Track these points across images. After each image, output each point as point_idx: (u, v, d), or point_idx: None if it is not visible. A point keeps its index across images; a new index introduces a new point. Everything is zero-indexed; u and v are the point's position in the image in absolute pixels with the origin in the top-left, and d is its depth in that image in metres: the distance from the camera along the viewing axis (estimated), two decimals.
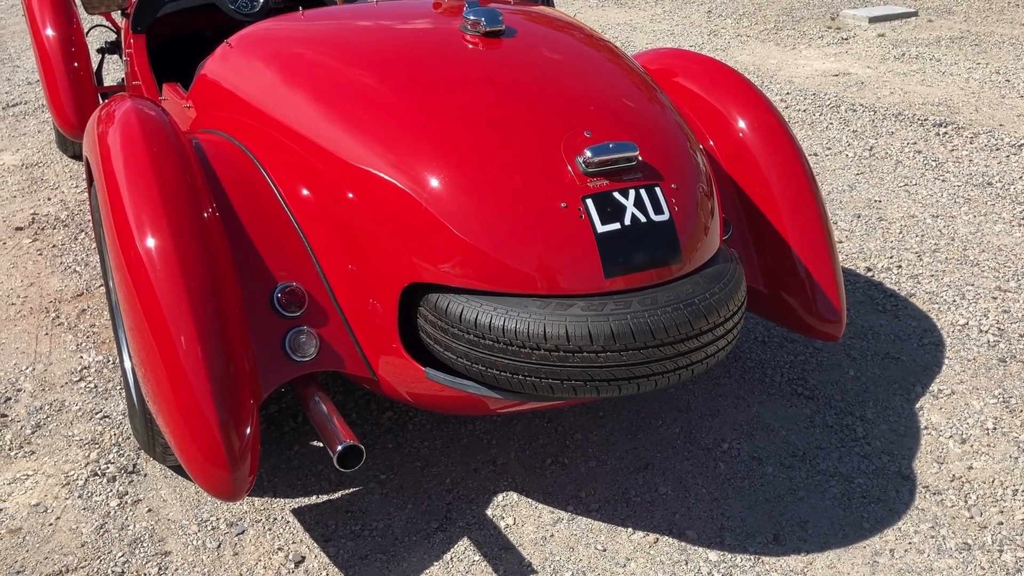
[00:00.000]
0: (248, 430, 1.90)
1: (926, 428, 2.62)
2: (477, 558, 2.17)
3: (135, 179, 2.03)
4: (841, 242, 3.71)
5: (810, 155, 4.63)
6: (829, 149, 4.71)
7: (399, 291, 1.99)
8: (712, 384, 2.82)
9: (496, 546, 2.21)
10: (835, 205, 4.04)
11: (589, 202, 1.90)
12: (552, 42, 2.36)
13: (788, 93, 5.63)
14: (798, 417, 2.66)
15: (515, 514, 2.30)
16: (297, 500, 2.35)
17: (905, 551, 2.19)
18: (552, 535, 2.24)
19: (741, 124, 2.63)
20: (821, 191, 2.60)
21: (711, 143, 2.67)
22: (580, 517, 2.29)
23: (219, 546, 2.20)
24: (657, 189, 1.97)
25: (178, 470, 2.43)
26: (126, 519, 2.28)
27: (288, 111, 2.26)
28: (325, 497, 2.36)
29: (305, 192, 2.16)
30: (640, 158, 1.98)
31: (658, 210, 1.95)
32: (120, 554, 2.18)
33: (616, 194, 1.92)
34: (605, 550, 2.20)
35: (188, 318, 1.89)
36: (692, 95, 2.76)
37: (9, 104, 5.59)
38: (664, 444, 2.55)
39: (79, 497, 2.35)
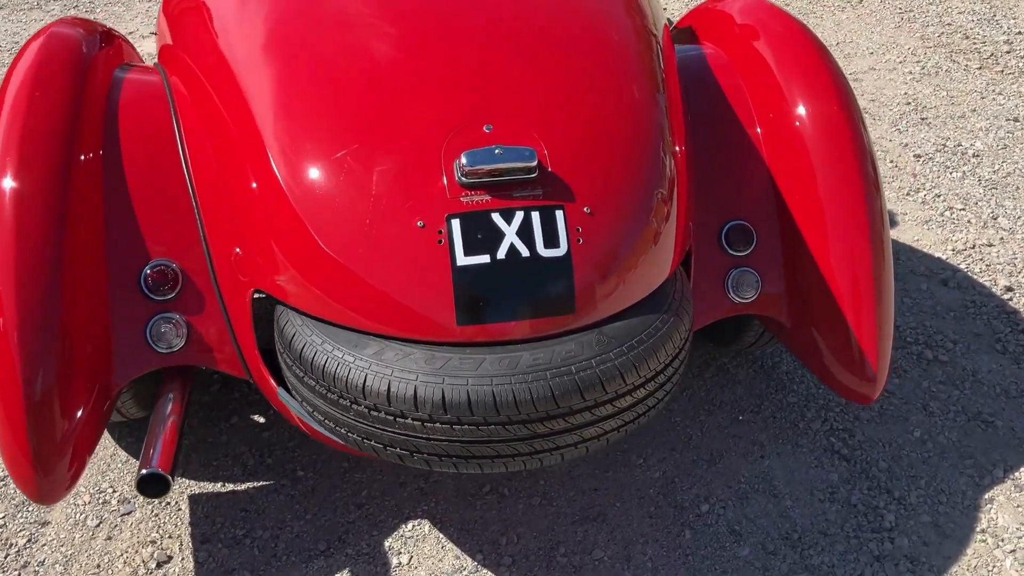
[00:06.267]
0: (72, 426, 1.68)
1: (983, 531, 2.01)
2: None
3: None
4: (992, 245, 2.95)
5: (1010, 120, 3.74)
6: None
7: (249, 296, 1.68)
8: (731, 417, 2.31)
9: None
10: (1005, 194, 3.22)
11: (455, 223, 1.48)
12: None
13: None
14: (817, 484, 2.12)
15: (415, 551, 1.98)
16: (202, 484, 2.14)
17: None
18: None
19: (801, 111, 2.03)
20: (886, 214, 1.97)
21: (758, 129, 2.09)
22: (484, 571, 1.93)
23: (98, 525, 2.05)
24: (558, 213, 1.50)
25: None
26: None
27: (209, 50, 1.95)
28: (231, 486, 2.14)
29: (208, 153, 1.86)
30: (548, 168, 1.52)
31: (552, 242, 1.49)
32: (0, 515, 2.07)
33: (496, 216, 1.48)
34: None
35: (10, 287, 1.65)
36: (756, 60, 2.17)
37: None
38: (633, 491, 2.11)
39: None
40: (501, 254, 1.46)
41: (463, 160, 1.47)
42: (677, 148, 1.84)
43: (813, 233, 1.97)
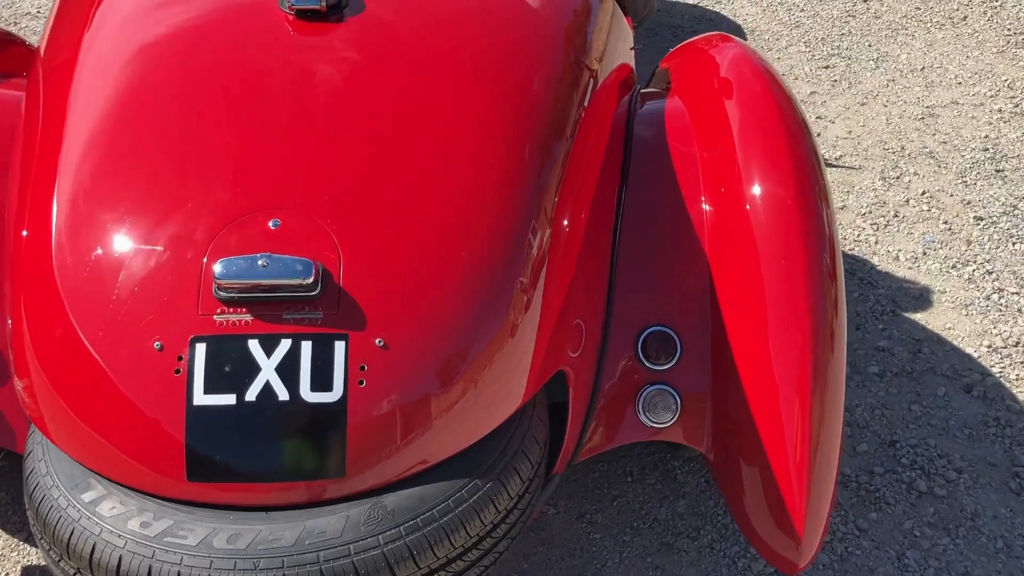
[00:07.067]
0: None
1: None
2: None
3: None
4: None
5: None
6: None
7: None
8: (662, 541, 1.95)
9: None
10: None
11: (199, 349, 1.17)
12: (405, 38, 1.53)
13: None
14: None
15: None
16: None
17: None
18: None
19: (754, 191, 1.64)
20: (843, 327, 1.57)
21: (705, 207, 1.70)
22: None
23: None
24: (337, 345, 1.18)
25: None
26: None
27: (54, 69, 1.70)
28: None
29: (24, 201, 1.59)
30: (338, 283, 1.19)
31: (322, 383, 1.17)
32: None
33: (253, 343, 1.17)
34: None
35: None
36: (719, 124, 1.77)
37: None
38: None
39: None
40: (251, 395, 1.15)
41: (217, 270, 1.16)
42: (567, 224, 1.48)
43: (748, 347, 1.59)
